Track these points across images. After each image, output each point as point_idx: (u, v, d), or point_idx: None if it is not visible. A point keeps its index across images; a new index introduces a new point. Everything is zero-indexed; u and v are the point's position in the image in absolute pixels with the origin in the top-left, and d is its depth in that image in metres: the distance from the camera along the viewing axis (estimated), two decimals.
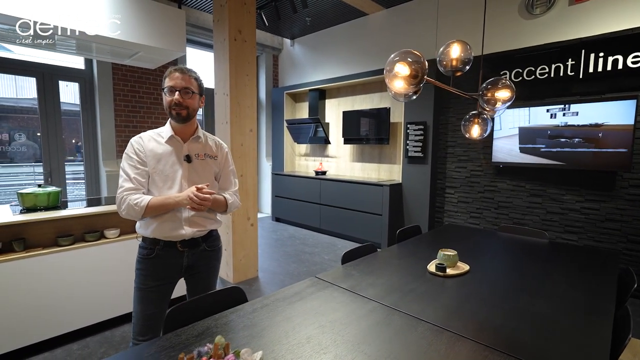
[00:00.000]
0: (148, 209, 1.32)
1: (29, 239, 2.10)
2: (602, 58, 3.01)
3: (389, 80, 1.09)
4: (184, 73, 1.38)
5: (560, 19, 3.30)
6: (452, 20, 4.00)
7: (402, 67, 1.02)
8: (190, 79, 1.39)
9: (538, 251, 2.09)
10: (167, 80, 1.38)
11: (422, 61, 1.03)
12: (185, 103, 1.37)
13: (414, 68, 1.03)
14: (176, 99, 1.35)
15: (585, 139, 3.10)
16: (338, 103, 5.39)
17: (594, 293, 1.46)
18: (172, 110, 1.38)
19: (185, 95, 1.37)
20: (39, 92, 3.98)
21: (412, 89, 1.08)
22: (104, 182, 4.33)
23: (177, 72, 1.37)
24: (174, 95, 1.35)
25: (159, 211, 1.35)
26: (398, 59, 1.03)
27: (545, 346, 1.05)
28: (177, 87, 1.36)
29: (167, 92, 1.37)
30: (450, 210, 4.20)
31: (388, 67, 1.05)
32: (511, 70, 3.52)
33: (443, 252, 1.73)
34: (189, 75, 1.39)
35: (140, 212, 1.32)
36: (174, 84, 1.36)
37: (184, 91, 1.37)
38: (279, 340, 1.07)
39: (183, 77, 1.37)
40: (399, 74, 1.03)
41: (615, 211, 3.09)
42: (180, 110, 1.37)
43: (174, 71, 1.37)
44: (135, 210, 1.32)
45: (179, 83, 1.36)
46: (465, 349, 1.03)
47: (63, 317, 2.12)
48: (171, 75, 1.37)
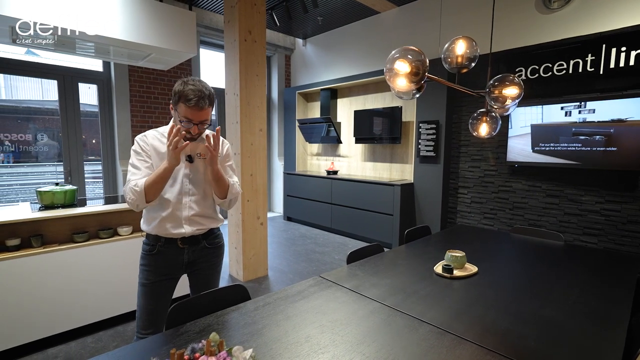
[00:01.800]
0: (147, 187, 1.30)
1: (47, 235, 2.18)
2: (624, 53, 2.88)
3: (390, 78, 1.07)
4: (202, 109, 1.31)
5: (579, 13, 3.18)
6: (464, 17, 3.92)
7: (403, 65, 1.00)
8: (208, 111, 1.35)
9: (552, 254, 2.02)
10: (183, 107, 1.31)
11: (423, 58, 1.01)
12: (200, 132, 1.38)
13: (415, 65, 1.01)
14: (193, 131, 1.35)
15: (605, 138, 2.97)
16: (350, 102, 5.37)
17: (608, 299, 1.39)
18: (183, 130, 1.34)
19: (202, 127, 1.37)
20: (60, 94, 4.12)
21: (415, 87, 1.06)
22: (120, 181, 4.46)
23: (196, 108, 1.30)
24: (192, 127, 1.34)
25: (158, 184, 1.32)
26: (398, 57, 1.01)
27: (553, 353, 1.02)
28: (194, 121, 1.34)
29: (184, 122, 1.33)
30: (463, 211, 4.12)
31: (388, 65, 1.04)
32: (527, 67, 3.41)
33: (451, 253, 1.70)
34: (206, 109, 1.34)
35: (142, 193, 1.30)
36: (193, 118, 1.32)
37: (201, 124, 1.36)
38: (278, 338, 1.07)
39: (203, 112, 1.33)
40: (400, 72, 1.01)
41: (638, 213, 2.95)
42: (194, 136, 1.38)
43: (193, 105, 1.29)
44: (136, 192, 1.30)
45: (198, 117, 1.33)
46: (467, 353, 1.01)
47: (78, 311, 2.20)
48: (189, 108, 1.30)
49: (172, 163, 1.30)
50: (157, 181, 1.31)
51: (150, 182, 1.31)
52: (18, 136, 3.95)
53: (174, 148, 1.26)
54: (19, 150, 3.97)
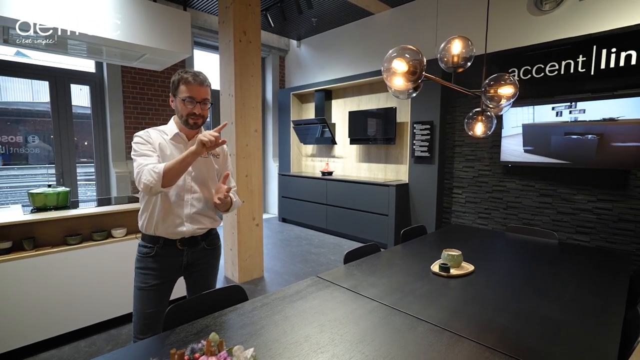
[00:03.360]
0: (166, 170, 1.24)
1: (39, 238, 2.14)
2: (615, 54, 2.93)
3: (387, 77, 1.07)
4: (202, 85, 1.36)
5: (570, 15, 3.23)
6: (458, 18, 3.96)
7: (400, 64, 1.00)
8: (208, 90, 1.39)
9: (546, 252, 2.05)
10: (183, 88, 1.34)
11: (420, 57, 1.02)
12: (204, 114, 1.39)
13: (412, 64, 1.01)
14: (197, 111, 1.36)
15: (596, 137, 3.02)
16: (344, 103, 5.38)
17: (603, 295, 1.41)
18: (189, 118, 1.37)
19: (204, 106, 1.38)
20: (52, 95, 4.07)
21: (412, 86, 1.07)
22: (113, 183, 4.41)
23: (197, 83, 1.34)
24: (194, 106, 1.35)
25: (178, 171, 1.26)
26: (395, 55, 1.01)
27: (551, 349, 1.02)
28: (197, 99, 1.35)
29: (187, 102, 1.35)
30: (458, 211, 4.15)
31: (386, 64, 1.04)
32: (520, 68, 3.46)
33: (447, 252, 1.71)
34: (207, 86, 1.38)
35: (159, 177, 1.23)
36: (195, 95, 1.35)
37: (203, 102, 1.37)
38: (277, 338, 1.06)
39: (203, 89, 1.36)
40: (397, 71, 1.02)
41: (629, 211, 3.00)
42: (198, 120, 1.38)
43: (193, 81, 1.33)
44: (155, 173, 1.23)
45: (199, 95, 1.35)
46: (466, 350, 1.01)
47: (71, 315, 2.16)
48: (190, 86, 1.33)
49: (198, 150, 1.23)
50: (178, 167, 1.25)
51: (171, 166, 1.24)
52: (8, 138, 3.88)
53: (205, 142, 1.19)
54: (9, 152, 3.90)
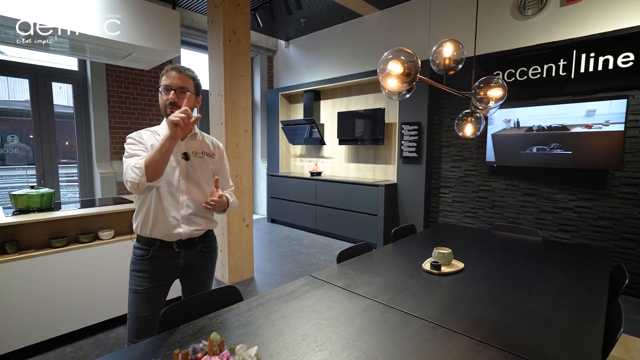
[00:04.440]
0: (147, 162, 1.20)
1: (23, 241, 2.07)
2: (593, 58, 3.05)
3: (382, 79, 1.09)
4: (180, 72, 1.35)
5: (552, 20, 3.35)
6: (445, 21, 4.04)
7: (395, 65, 1.03)
8: (187, 79, 1.36)
9: (532, 249, 2.11)
10: (163, 78, 1.35)
11: (415, 59, 1.04)
12: (180, 103, 1.32)
13: (407, 66, 1.04)
14: (171, 99, 1.32)
15: (576, 139, 3.14)
16: (333, 104, 5.41)
17: (586, 290, 1.47)
18: (167, 109, 1.34)
19: (181, 95, 1.33)
20: (32, 94, 3.94)
21: (406, 87, 1.09)
22: (97, 184, 4.30)
23: (174, 70, 1.34)
24: (169, 94, 1.33)
25: (159, 162, 1.22)
26: (391, 57, 1.03)
27: (540, 341, 1.06)
28: (173, 87, 1.33)
29: (163, 91, 1.34)
30: (445, 210, 4.23)
31: (381, 66, 1.06)
32: (504, 71, 3.55)
33: (438, 250, 1.74)
34: (186, 75, 1.36)
35: (142, 172, 1.20)
36: (170, 82, 1.33)
37: (179, 90, 1.33)
38: (274, 338, 1.07)
39: (180, 76, 1.34)
40: (392, 72, 1.04)
41: (607, 209, 3.13)
42: (174, 110, 1.31)
43: (170, 70, 1.35)
44: (137, 168, 1.20)
45: (175, 82, 1.33)
46: (460, 345, 1.04)
47: (56, 320, 2.10)
48: (168, 74, 1.34)
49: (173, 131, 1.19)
50: (158, 157, 1.21)
51: (151, 157, 1.21)
52: None
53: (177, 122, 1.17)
54: None
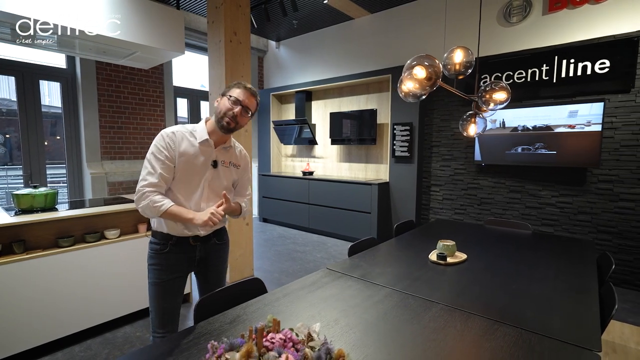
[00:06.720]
0: (166, 214, 1.35)
1: (29, 241, 2.05)
2: (573, 64, 3.28)
3: (404, 81, 1.19)
4: (253, 96, 1.45)
5: (535, 27, 3.56)
6: (434, 27, 4.21)
7: (420, 70, 1.12)
8: (254, 103, 1.46)
9: (524, 241, 2.27)
10: (237, 90, 1.42)
11: (437, 65, 1.14)
12: (239, 119, 1.42)
13: (430, 72, 1.14)
14: (236, 112, 1.39)
15: (560, 138, 3.36)
16: (325, 104, 5.50)
17: (579, 275, 1.62)
18: (224, 117, 1.40)
19: (244, 114, 1.43)
20: (19, 92, 3.82)
21: (427, 91, 1.19)
22: (87, 185, 4.21)
23: (249, 91, 1.43)
24: (236, 108, 1.40)
25: (174, 220, 1.39)
26: (416, 63, 1.13)
27: (547, 319, 1.19)
28: (242, 103, 1.41)
29: (232, 101, 1.40)
30: (435, 207, 4.40)
31: (406, 72, 1.15)
32: (491, 75, 3.75)
33: (442, 242, 1.86)
34: (256, 100, 1.47)
35: (158, 214, 1.34)
36: (243, 99, 1.41)
37: (245, 109, 1.42)
38: (309, 322, 1.14)
39: (251, 98, 1.44)
40: (417, 76, 1.14)
41: (586, 204, 3.36)
42: (231, 123, 1.40)
43: (246, 89, 1.43)
44: (153, 211, 1.34)
45: (247, 102, 1.42)
46: (478, 324, 1.15)
47: (64, 319, 2.09)
48: (243, 91, 1.43)
49: (199, 224, 1.35)
50: (176, 218, 1.36)
51: (171, 214, 1.35)
52: None
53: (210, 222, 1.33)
54: None
